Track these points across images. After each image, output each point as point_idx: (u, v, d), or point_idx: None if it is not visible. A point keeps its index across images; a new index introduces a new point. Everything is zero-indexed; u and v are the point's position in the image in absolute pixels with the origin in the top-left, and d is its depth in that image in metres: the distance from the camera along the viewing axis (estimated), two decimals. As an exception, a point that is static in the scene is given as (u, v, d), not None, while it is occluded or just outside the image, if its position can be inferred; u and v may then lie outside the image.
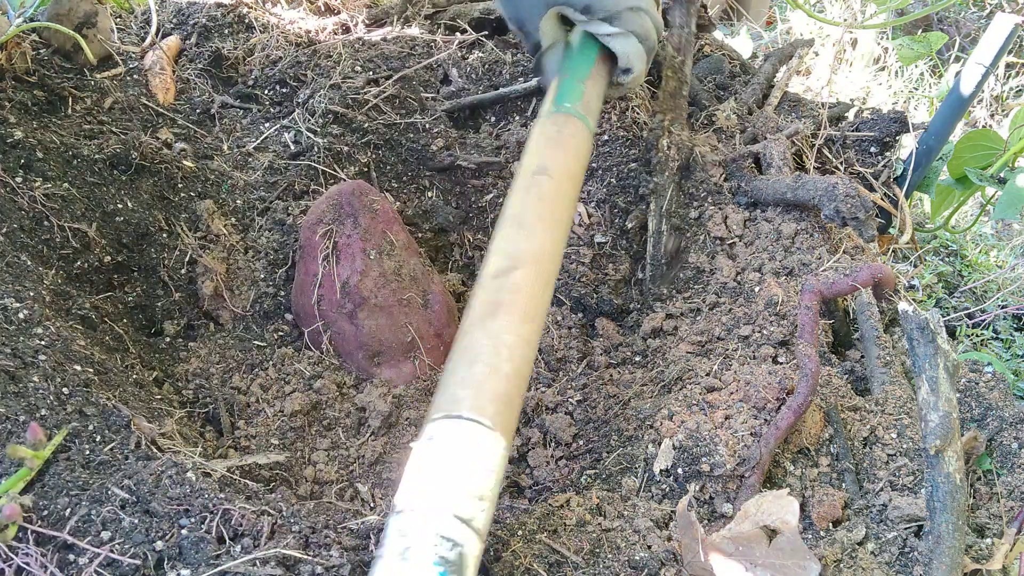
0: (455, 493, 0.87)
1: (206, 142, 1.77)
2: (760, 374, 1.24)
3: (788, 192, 1.55)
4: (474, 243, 1.79)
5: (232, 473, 1.15)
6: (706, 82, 2.02)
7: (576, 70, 1.35)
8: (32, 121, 1.51)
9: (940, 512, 0.92)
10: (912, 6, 3.12)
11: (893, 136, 1.84)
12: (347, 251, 1.48)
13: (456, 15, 2.14)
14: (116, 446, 1.05)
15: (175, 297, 1.51)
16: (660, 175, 1.71)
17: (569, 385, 1.52)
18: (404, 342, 1.50)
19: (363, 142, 1.75)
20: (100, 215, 1.45)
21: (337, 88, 1.78)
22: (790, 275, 1.47)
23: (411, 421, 1.42)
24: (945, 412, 0.92)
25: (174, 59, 1.88)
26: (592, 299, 1.66)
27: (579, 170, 1.31)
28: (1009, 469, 1.09)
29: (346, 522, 1.00)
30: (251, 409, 1.38)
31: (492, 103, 1.93)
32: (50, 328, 1.17)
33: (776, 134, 1.73)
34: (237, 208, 1.65)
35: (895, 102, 3.10)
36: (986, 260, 2.42)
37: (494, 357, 1.00)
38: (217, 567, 0.89)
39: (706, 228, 1.65)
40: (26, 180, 1.38)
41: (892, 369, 1.28)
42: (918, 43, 2.12)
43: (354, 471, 1.35)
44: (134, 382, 1.29)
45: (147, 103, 1.73)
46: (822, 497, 1.09)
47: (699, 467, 1.12)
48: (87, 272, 1.41)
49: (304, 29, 1.99)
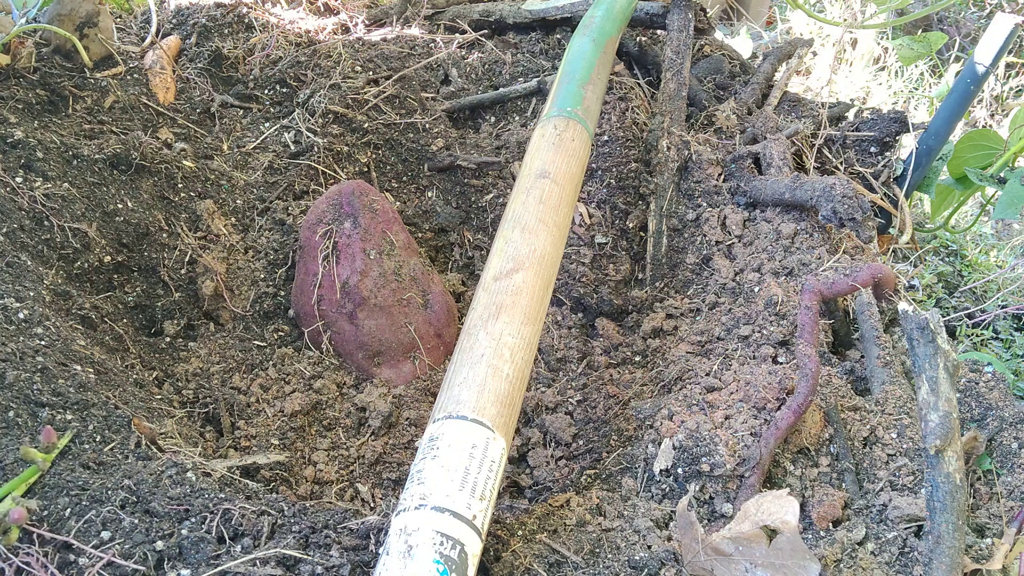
0: (456, 492, 0.87)
1: (206, 142, 1.77)
2: (760, 374, 1.24)
3: (787, 192, 1.55)
4: (474, 243, 1.79)
5: (232, 473, 1.15)
6: (706, 82, 2.02)
7: (576, 74, 1.36)
8: (32, 121, 1.51)
9: (940, 512, 0.92)
10: (912, 6, 3.12)
11: (893, 136, 1.84)
12: (347, 251, 1.48)
13: (456, 15, 2.14)
14: (116, 446, 1.05)
15: (175, 297, 1.51)
16: (660, 176, 1.71)
17: (569, 385, 1.52)
18: (404, 342, 1.50)
19: (363, 142, 1.75)
20: (100, 215, 1.45)
21: (337, 88, 1.79)
22: (790, 275, 1.47)
23: (411, 421, 1.42)
24: (945, 412, 0.92)
25: (174, 59, 1.88)
26: (592, 299, 1.66)
27: (579, 173, 1.31)
28: (1009, 469, 1.09)
29: (346, 522, 1.00)
30: (251, 409, 1.38)
31: (492, 103, 1.93)
32: (50, 328, 1.17)
33: (776, 134, 1.73)
34: (237, 208, 1.65)
35: (895, 102, 3.10)
36: (986, 260, 2.42)
37: (496, 359, 1.00)
38: (217, 567, 0.89)
39: (704, 229, 1.65)
40: (26, 180, 1.38)
41: (892, 369, 1.28)
42: (918, 43, 2.12)
43: (354, 471, 1.35)
44: (134, 382, 1.29)
45: (147, 103, 1.73)
46: (822, 497, 1.09)
47: (699, 467, 1.12)
48: (87, 272, 1.41)
49: (304, 29, 1.99)
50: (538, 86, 1.90)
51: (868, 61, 3.17)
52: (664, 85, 1.83)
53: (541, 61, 2.01)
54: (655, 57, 2.01)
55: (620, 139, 1.74)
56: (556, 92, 1.44)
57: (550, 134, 1.32)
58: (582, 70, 1.48)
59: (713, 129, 1.81)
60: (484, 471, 0.90)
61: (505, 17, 2.10)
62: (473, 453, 0.91)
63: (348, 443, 1.38)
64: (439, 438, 0.92)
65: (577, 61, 1.51)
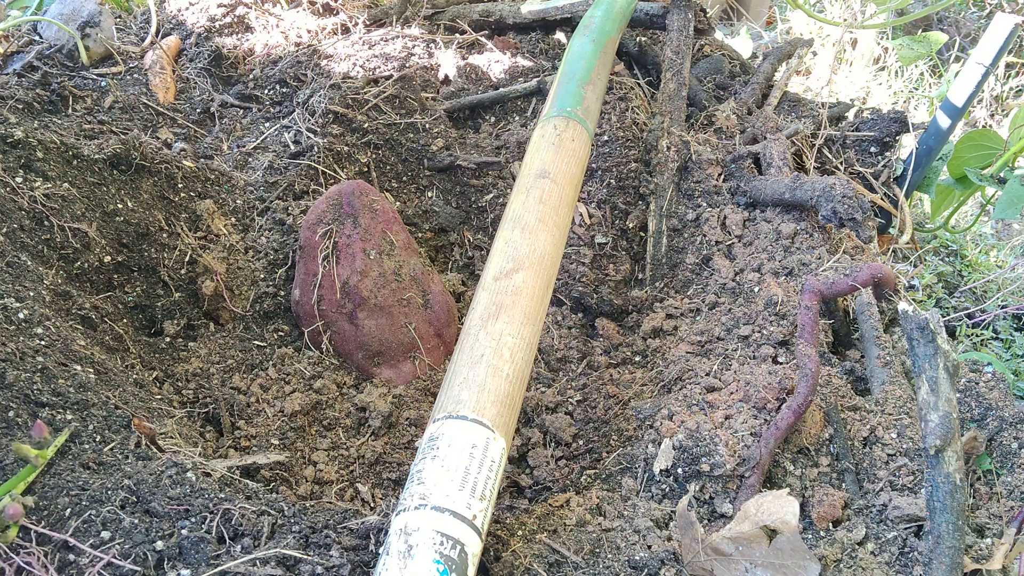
0: (456, 492, 0.87)
1: (206, 142, 1.77)
2: (760, 374, 1.24)
3: (786, 192, 1.55)
4: (474, 243, 1.79)
5: (232, 473, 1.15)
6: (706, 82, 2.02)
7: (576, 74, 1.36)
8: (32, 121, 1.51)
9: (940, 512, 0.92)
10: (912, 6, 3.12)
11: (893, 136, 1.84)
12: (347, 251, 1.48)
13: (456, 15, 2.14)
14: (116, 446, 1.05)
15: (175, 297, 1.51)
16: (660, 176, 1.71)
17: (569, 385, 1.52)
18: (404, 342, 1.50)
19: (363, 142, 1.75)
20: (100, 215, 1.45)
21: (337, 88, 1.79)
22: (790, 275, 1.47)
23: (411, 421, 1.42)
24: (945, 412, 0.92)
25: (174, 59, 1.88)
26: (592, 299, 1.66)
27: (579, 173, 1.31)
28: (1009, 469, 1.09)
29: (346, 522, 1.00)
30: (251, 409, 1.38)
31: (492, 103, 1.93)
32: (50, 328, 1.17)
33: (776, 134, 1.73)
34: (237, 208, 1.65)
35: (895, 102, 3.10)
36: (986, 260, 2.42)
37: (496, 359, 1.00)
38: (217, 567, 0.89)
39: (704, 229, 1.65)
40: (26, 180, 1.38)
41: (892, 369, 1.28)
42: (918, 43, 2.12)
43: (354, 471, 1.35)
44: (134, 382, 1.29)
45: (147, 103, 1.73)
46: (822, 497, 1.09)
47: (699, 467, 1.12)
48: (87, 272, 1.41)
49: (304, 29, 1.99)
50: (538, 86, 1.90)
51: (868, 61, 3.17)
52: (664, 85, 1.83)
53: (541, 61, 2.01)
54: (655, 57, 2.01)
55: (620, 139, 1.74)
56: (556, 92, 1.44)
57: (550, 134, 1.32)
58: (582, 70, 1.48)
59: (713, 129, 1.81)
60: (484, 471, 0.90)
61: (505, 17, 2.10)
62: (473, 453, 0.91)
63: (348, 443, 1.38)
64: (439, 438, 0.92)
65: (577, 61, 1.51)
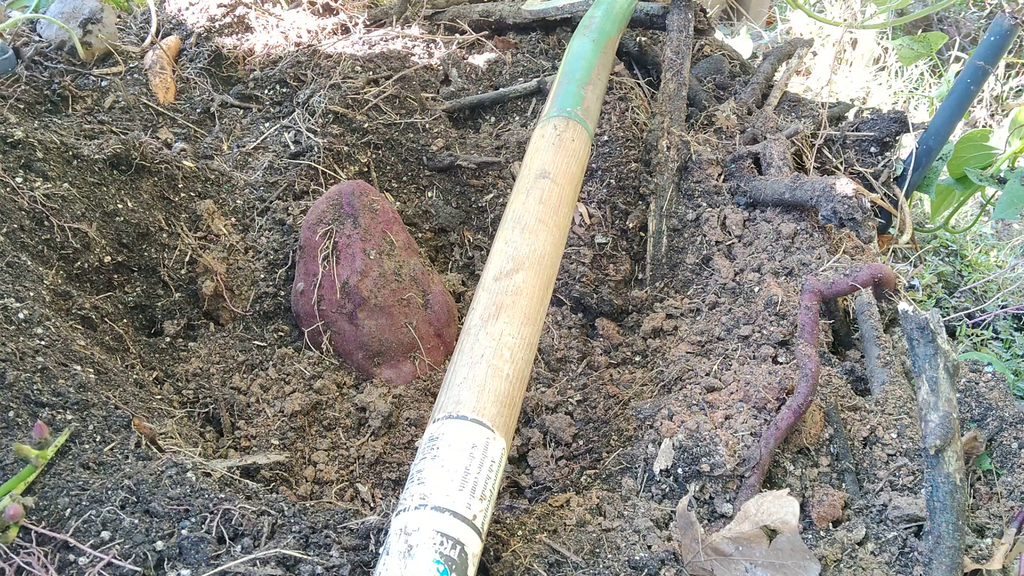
0: (456, 492, 0.87)
1: (206, 142, 1.77)
2: (760, 374, 1.24)
3: (786, 192, 1.55)
4: (474, 243, 1.79)
5: (232, 473, 1.15)
6: (706, 82, 2.02)
7: (576, 74, 1.36)
8: (32, 121, 1.51)
9: (940, 512, 0.92)
10: (912, 6, 3.12)
11: (893, 136, 1.84)
12: (347, 251, 1.48)
13: (456, 15, 2.14)
14: (116, 446, 1.05)
15: (175, 297, 1.51)
16: (660, 176, 1.71)
17: (569, 385, 1.52)
18: (404, 342, 1.50)
19: (363, 142, 1.75)
20: (100, 215, 1.45)
21: (337, 88, 1.78)
22: (790, 275, 1.47)
23: (411, 421, 1.42)
24: (945, 412, 0.92)
25: (174, 59, 1.88)
26: (592, 299, 1.66)
27: (579, 173, 1.31)
28: (1009, 469, 1.09)
29: (346, 522, 1.00)
30: (251, 409, 1.38)
31: (492, 103, 1.93)
32: (50, 328, 1.17)
33: (776, 134, 1.73)
34: (237, 208, 1.65)
35: (895, 102, 3.10)
36: (986, 260, 2.42)
37: (496, 359, 1.00)
38: (217, 567, 0.89)
39: (704, 229, 1.65)
40: (26, 180, 1.38)
41: (892, 369, 1.28)
42: (918, 43, 2.12)
43: (354, 471, 1.35)
44: (134, 382, 1.29)
45: (147, 103, 1.73)
46: (822, 497, 1.09)
47: (699, 467, 1.12)
48: (87, 272, 1.41)
49: (304, 29, 1.99)
50: (538, 86, 1.90)
51: (868, 61, 3.17)
52: (664, 85, 1.83)
53: (541, 61, 2.01)
54: (655, 57, 2.01)
55: (620, 139, 1.74)
56: (556, 92, 1.44)
57: (550, 134, 1.32)
58: (582, 70, 1.48)
59: (713, 129, 1.81)
60: (484, 471, 0.90)
61: (505, 17, 2.10)
62: (473, 453, 0.91)
63: (348, 443, 1.38)
64: (439, 438, 0.92)
65: (577, 61, 1.51)
